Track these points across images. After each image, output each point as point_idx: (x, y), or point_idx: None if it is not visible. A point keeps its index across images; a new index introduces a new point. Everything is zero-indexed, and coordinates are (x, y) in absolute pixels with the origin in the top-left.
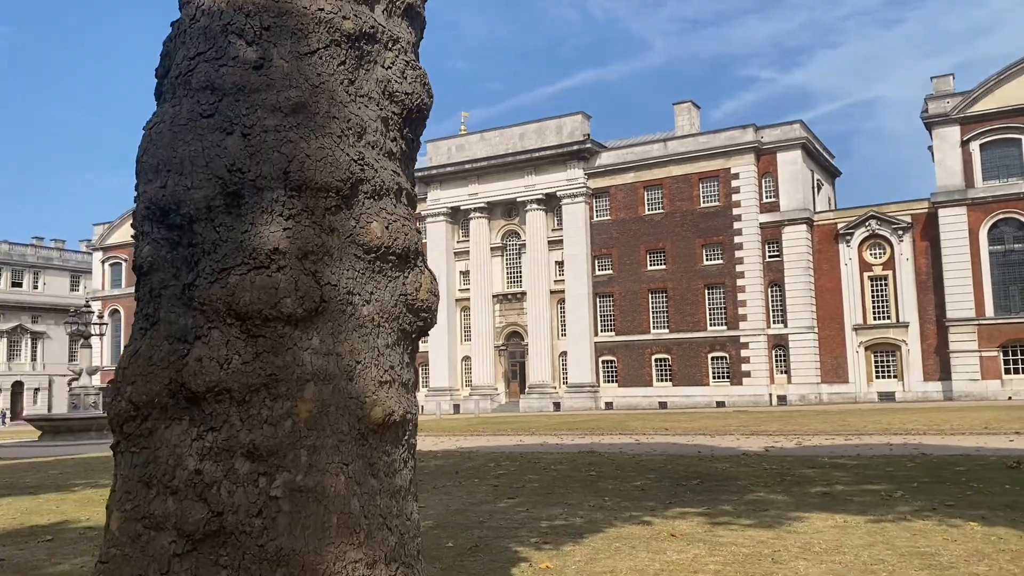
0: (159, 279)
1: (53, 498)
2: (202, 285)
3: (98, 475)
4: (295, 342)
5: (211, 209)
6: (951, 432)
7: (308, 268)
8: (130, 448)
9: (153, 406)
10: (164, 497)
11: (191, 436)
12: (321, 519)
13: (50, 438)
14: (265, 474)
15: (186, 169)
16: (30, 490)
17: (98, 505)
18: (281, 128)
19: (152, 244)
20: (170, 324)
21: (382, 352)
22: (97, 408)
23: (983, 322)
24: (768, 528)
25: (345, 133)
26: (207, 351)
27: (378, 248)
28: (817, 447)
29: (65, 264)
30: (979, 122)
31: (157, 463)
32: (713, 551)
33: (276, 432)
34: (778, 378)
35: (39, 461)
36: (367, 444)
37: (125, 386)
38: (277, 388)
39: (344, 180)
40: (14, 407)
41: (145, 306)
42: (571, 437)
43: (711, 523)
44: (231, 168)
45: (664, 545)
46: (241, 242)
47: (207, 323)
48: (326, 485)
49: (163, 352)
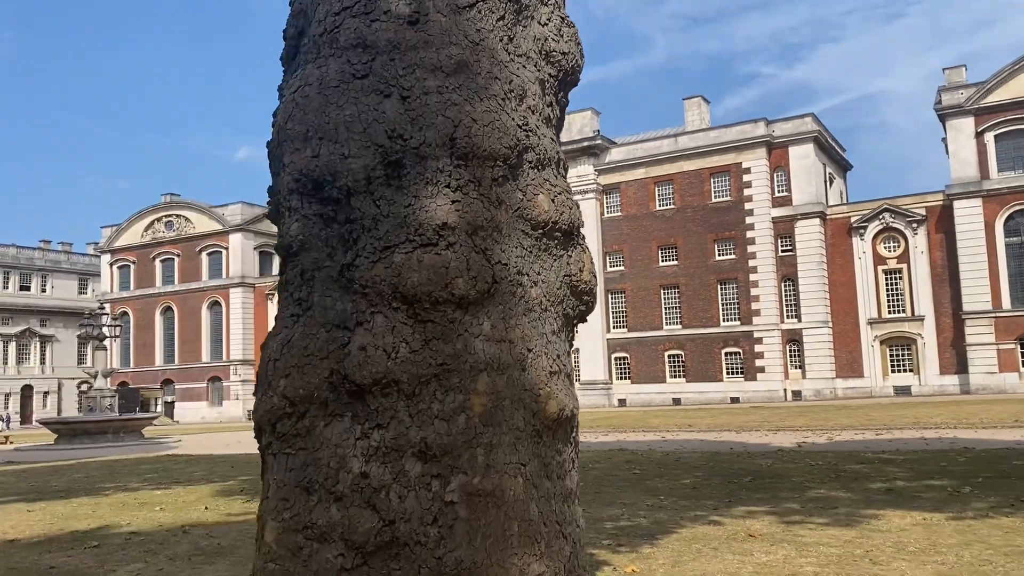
0: (312, 259)
1: (86, 502)
2: (363, 265)
3: (125, 478)
4: (465, 328)
5: (371, 180)
6: (982, 426)
7: (478, 245)
8: (284, 449)
9: (311, 401)
10: (327, 504)
11: (355, 434)
12: (502, 527)
13: (66, 441)
14: (439, 476)
15: (341, 136)
16: (60, 494)
17: (134, 509)
18: (443, 90)
19: (303, 221)
20: (326, 309)
21: (550, 339)
22: (113, 411)
23: (1000, 314)
24: (847, 527)
25: (508, 96)
26: (371, 339)
27: (545, 223)
28: (850, 442)
29: (73, 267)
30: (993, 113)
31: (317, 466)
32: (802, 552)
33: (449, 429)
34: (792, 373)
35: (61, 465)
36: (541, 442)
37: (277, 379)
38: (448, 379)
39: (511, 147)
40: (23, 411)
41: (296, 290)
42: (593, 435)
43: (784, 522)
44: (391, 134)
45: (746, 546)
46: (404, 217)
47: (369, 307)
48: (505, 488)
49: (320, 341)
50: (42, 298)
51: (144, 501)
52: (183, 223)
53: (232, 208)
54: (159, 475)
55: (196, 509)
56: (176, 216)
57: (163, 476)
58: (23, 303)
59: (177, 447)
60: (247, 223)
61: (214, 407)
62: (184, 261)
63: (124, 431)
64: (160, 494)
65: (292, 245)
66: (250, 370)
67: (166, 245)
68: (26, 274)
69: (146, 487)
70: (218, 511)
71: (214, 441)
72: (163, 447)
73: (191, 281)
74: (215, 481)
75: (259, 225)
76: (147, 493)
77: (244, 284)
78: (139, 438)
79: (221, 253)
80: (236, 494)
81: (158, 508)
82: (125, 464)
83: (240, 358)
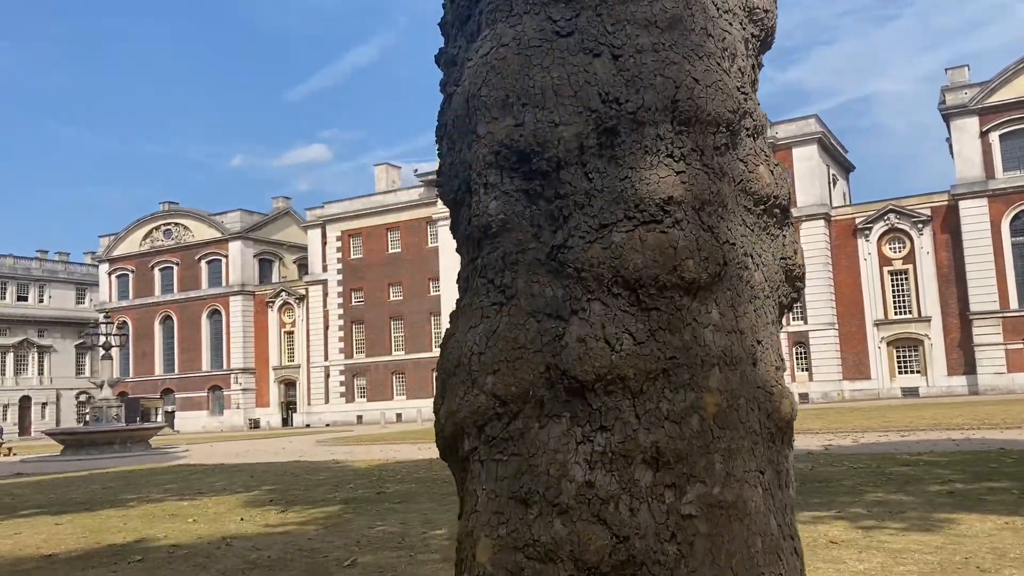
0: (514, 241)
1: (113, 514)
2: (577, 246)
3: (145, 489)
4: (694, 316)
5: (583, 150)
6: (1006, 426)
7: (705, 223)
8: (493, 455)
9: (525, 400)
10: (549, 518)
11: (575, 438)
12: (745, 543)
13: (72, 452)
14: (672, 486)
15: (549, 101)
16: (83, 506)
17: (165, 521)
18: (659, 47)
19: (503, 198)
20: (534, 297)
21: (771, 330)
22: (120, 421)
23: (1008, 314)
24: (929, 532)
25: (723, 55)
26: (589, 329)
27: (767, 199)
28: (877, 444)
29: (70, 277)
30: (998, 112)
31: (534, 474)
32: (897, 559)
33: (682, 432)
34: (799, 376)
35: (73, 476)
36: (774, 447)
37: (483, 376)
38: (677, 375)
39: (734, 111)
40: (22, 422)
41: (496, 275)
42: None
43: (859, 528)
44: (605, 98)
45: (834, 553)
46: (621, 191)
47: (585, 294)
48: (747, 499)
49: (531, 332)
50: (40, 308)
51: (173, 512)
52: (182, 231)
53: (231, 216)
54: (179, 486)
55: (230, 520)
56: (175, 224)
57: (183, 487)
58: (21, 313)
59: (186, 457)
60: (246, 230)
61: (215, 416)
62: (183, 269)
63: (131, 441)
64: (187, 505)
65: (491, 225)
66: (251, 378)
67: (165, 253)
68: (23, 284)
69: (170, 498)
70: (254, 522)
71: (222, 450)
72: (171, 457)
73: (190, 289)
74: (239, 491)
75: (258, 232)
76: (173, 504)
77: (244, 292)
78: (146, 448)
79: (220, 261)
80: (266, 504)
81: (191, 520)
82: (139, 475)
83: (241, 366)
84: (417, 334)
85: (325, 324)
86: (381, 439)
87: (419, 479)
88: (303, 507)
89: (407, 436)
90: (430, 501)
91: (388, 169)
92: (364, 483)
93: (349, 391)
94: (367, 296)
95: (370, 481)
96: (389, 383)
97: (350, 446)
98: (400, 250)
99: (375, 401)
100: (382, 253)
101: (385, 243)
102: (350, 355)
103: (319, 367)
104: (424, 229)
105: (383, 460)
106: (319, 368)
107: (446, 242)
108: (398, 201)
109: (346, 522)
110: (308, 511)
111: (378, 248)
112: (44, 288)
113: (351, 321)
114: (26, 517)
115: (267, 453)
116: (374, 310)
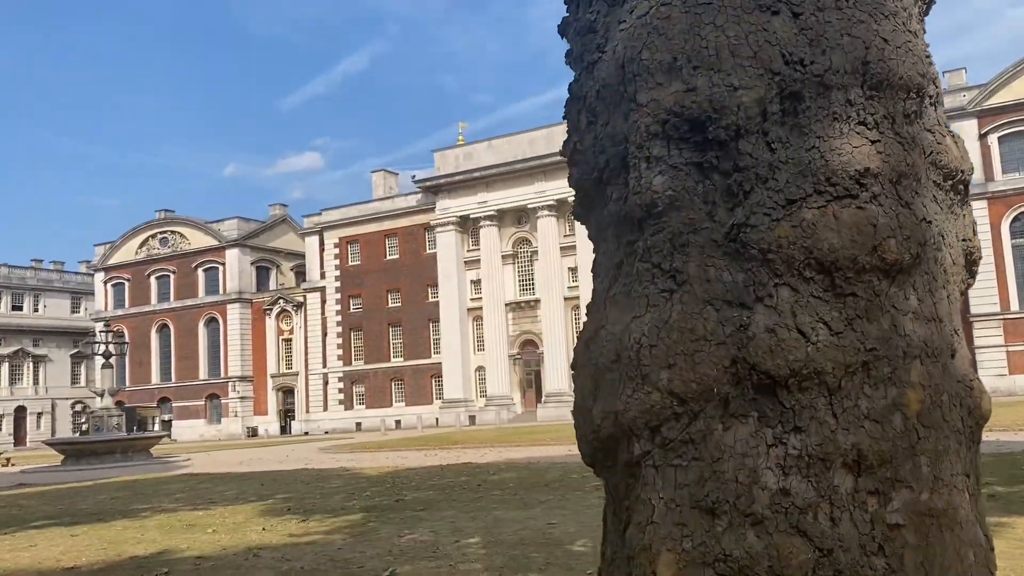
0: (685, 220)
1: (128, 525)
2: (760, 225)
3: (155, 499)
4: (892, 303)
5: (765, 117)
6: (1019, 428)
7: (903, 198)
8: (672, 460)
9: (708, 398)
10: (741, 530)
11: (765, 440)
12: (957, 555)
13: (73, 462)
14: (876, 492)
15: (725, 63)
16: (95, 517)
17: (184, 532)
18: (841, 5)
19: (670, 172)
20: (710, 282)
21: (958, 318)
22: (121, 430)
23: (1009, 316)
24: None
25: (906, 15)
26: (778, 318)
27: (954, 173)
28: None
29: (65, 286)
30: (997, 115)
31: (719, 481)
32: None
33: (884, 432)
34: None
35: (78, 486)
36: (973, 447)
37: (657, 371)
38: (877, 369)
39: (923, 76)
40: (17, 432)
41: (664, 259)
42: None
43: None
44: (788, 59)
45: None
46: (808, 163)
47: (772, 278)
48: (956, 506)
49: (710, 322)
50: (35, 318)
51: (190, 523)
52: (178, 239)
53: (228, 223)
54: (188, 495)
55: (251, 530)
56: (171, 232)
57: (194, 496)
58: (16, 323)
59: (188, 466)
60: (243, 238)
61: (212, 425)
62: (180, 277)
63: (132, 451)
64: (203, 515)
65: (656, 203)
66: (248, 386)
67: (161, 262)
68: (18, 294)
69: (183, 508)
70: (277, 532)
71: (224, 459)
72: (174, 466)
73: (187, 298)
74: (253, 500)
75: (255, 240)
76: (188, 514)
77: (241, 299)
78: (147, 457)
79: (217, 269)
80: (284, 513)
81: (210, 530)
82: (146, 484)
83: (238, 374)
84: (416, 341)
85: (323, 331)
86: (385, 446)
87: (435, 486)
88: (323, 516)
89: (411, 443)
90: (452, 508)
91: (385, 176)
92: (380, 490)
93: (348, 398)
94: (365, 303)
95: (385, 488)
96: (388, 390)
97: (355, 453)
98: (398, 256)
99: (374, 408)
100: (380, 260)
101: (383, 249)
102: (348, 362)
103: (317, 374)
104: (422, 235)
105: (393, 467)
106: (317, 375)
107: (444, 248)
108: (396, 207)
109: (372, 531)
110: (330, 520)
111: (376, 255)
112: (39, 297)
113: (349, 328)
114: (39, 529)
115: (271, 461)
116: (372, 317)
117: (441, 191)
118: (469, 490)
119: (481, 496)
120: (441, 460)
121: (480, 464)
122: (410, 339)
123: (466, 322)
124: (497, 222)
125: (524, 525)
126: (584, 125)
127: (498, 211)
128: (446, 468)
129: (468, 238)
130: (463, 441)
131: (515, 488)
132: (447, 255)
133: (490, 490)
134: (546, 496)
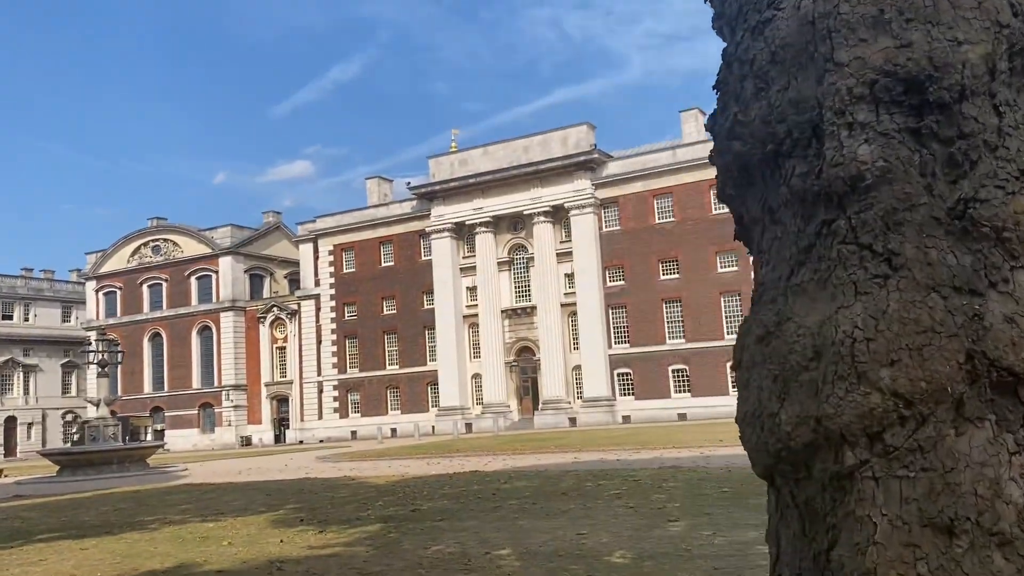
0: (899, 194)
1: (138, 537)
2: (993, 199)
3: (160, 510)
4: None
5: (993, 76)
6: None
7: None
8: (895, 471)
9: (939, 399)
10: (986, 551)
11: (1006, 447)
12: None
13: (70, 473)
14: None
15: (944, 15)
16: (102, 529)
17: (197, 544)
18: None
19: (878, 140)
20: (931, 266)
21: None
22: (117, 440)
23: None
24: None
25: None
26: (1016, 306)
27: None
28: None
29: (56, 295)
30: None
31: (955, 494)
32: None
33: None
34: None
35: (78, 497)
36: None
37: (876, 369)
38: None
39: None
40: (7, 443)
41: (874, 239)
42: (625, 453)
43: None
44: (1017, 10)
45: None
46: None
47: (1007, 260)
48: None
49: (938, 311)
50: (25, 327)
51: (203, 535)
52: (171, 247)
53: (221, 231)
54: (194, 506)
55: (268, 543)
56: (163, 240)
57: (200, 507)
58: (5, 332)
59: (186, 476)
60: (237, 246)
61: (206, 434)
62: (172, 286)
63: (128, 461)
64: (213, 526)
65: (864, 176)
66: (242, 395)
67: (153, 270)
68: (8, 302)
69: (191, 519)
70: (295, 544)
71: (222, 468)
72: (172, 476)
73: (180, 306)
74: (262, 510)
75: (249, 247)
76: (198, 526)
77: (235, 308)
78: (144, 467)
79: (211, 277)
80: (297, 524)
81: (225, 543)
82: (148, 495)
83: (232, 383)
84: (411, 348)
85: (318, 339)
86: (384, 454)
87: (448, 495)
88: (340, 527)
89: (410, 451)
90: (472, 519)
91: (380, 182)
92: (391, 500)
93: (343, 406)
94: (360, 310)
95: (397, 498)
96: (383, 398)
97: (355, 462)
98: (393, 263)
99: (369, 416)
100: (375, 267)
101: (378, 256)
102: (343, 370)
103: (312, 382)
104: (417, 242)
105: (398, 476)
106: (312, 383)
107: (439, 255)
108: (390, 214)
109: (394, 542)
110: (347, 531)
111: (371, 262)
112: (29, 306)
113: (344, 336)
114: (46, 542)
115: (271, 470)
116: (367, 324)
117: (436, 197)
118: (484, 499)
119: (499, 505)
120: (445, 468)
121: (487, 472)
122: (405, 346)
123: (462, 329)
124: (493, 228)
125: (553, 536)
126: (750, 93)
127: (494, 217)
128: (454, 477)
129: (463, 245)
130: (464, 449)
131: (532, 497)
132: (442, 262)
133: (506, 499)
134: (567, 505)
